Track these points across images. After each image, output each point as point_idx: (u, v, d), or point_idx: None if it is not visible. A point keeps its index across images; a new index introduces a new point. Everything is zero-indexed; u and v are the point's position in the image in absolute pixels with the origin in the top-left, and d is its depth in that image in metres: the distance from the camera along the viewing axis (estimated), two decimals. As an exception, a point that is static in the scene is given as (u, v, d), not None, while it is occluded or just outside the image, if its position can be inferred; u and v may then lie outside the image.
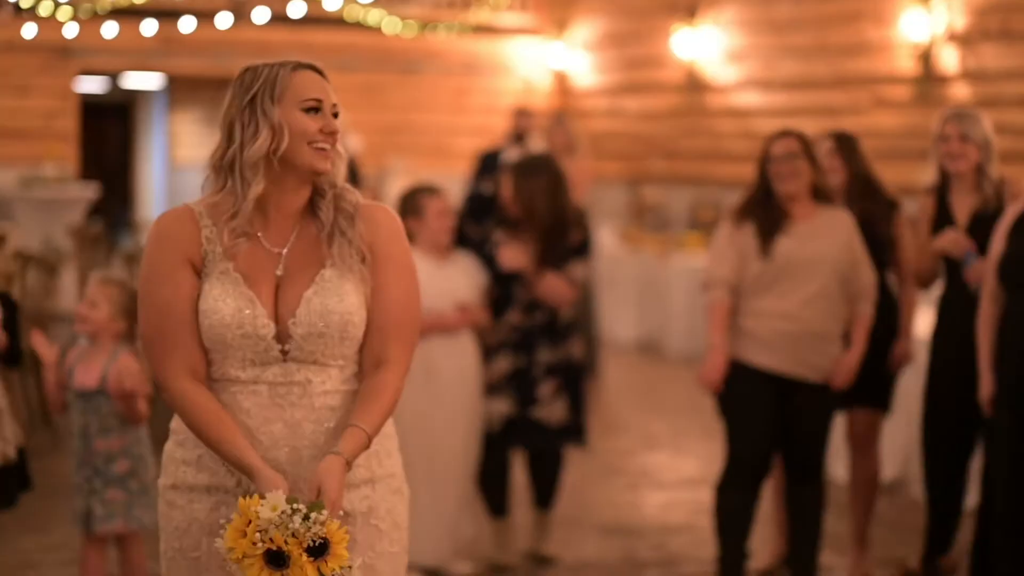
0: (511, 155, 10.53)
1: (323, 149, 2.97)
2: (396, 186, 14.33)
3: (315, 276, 2.93)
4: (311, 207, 3.00)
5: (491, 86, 15.13)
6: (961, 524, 5.65)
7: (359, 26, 14.55)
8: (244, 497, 2.77)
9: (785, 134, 5.39)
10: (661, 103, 13.69)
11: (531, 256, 5.82)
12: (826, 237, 5.31)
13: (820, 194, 5.37)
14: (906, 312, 5.90)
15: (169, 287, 2.91)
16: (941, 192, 5.60)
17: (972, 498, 5.94)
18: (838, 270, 5.30)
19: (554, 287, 5.82)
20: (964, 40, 10.46)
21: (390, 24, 14.50)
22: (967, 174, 5.48)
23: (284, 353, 2.92)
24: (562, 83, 15.16)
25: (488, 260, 5.88)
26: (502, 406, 5.85)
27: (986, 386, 5.06)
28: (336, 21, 14.71)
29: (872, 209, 5.81)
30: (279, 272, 2.94)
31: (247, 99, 2.98)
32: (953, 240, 5.47)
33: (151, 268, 2.95)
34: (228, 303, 2.89)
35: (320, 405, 2.94)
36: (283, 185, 2.97)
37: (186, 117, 18.41)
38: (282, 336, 2.91)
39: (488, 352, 5.87)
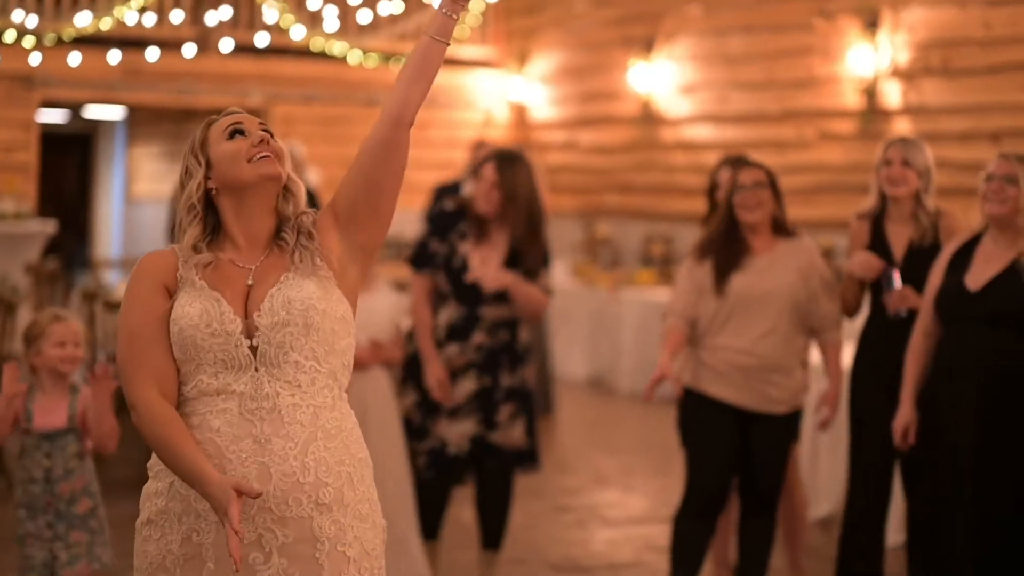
0: (469, 188, 10.75)
1: (264, 157, 3.11)
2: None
3: (279, 279, 3.07)
4: (277, 235, 3.15)
5: (452, 119, 15.30)
6: (883, 560, 5.66)
7: (322, 57, 14.72)
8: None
9: (748, 163, 5.58)
10: (616, 137, 13.91)
11: (500, 261, 5.84)
12: (781, 270, 5.43)
13: (779, 226, 5.52)
14: (827, 353, 5.86)
15: (141, 310, 3.04)
16: (878, 220, 5.59)
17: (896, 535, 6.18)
18: (792, 304, 5.42)
19: (531, 296, 5.87)
20: (907, 76, 10.76)
21: (353, 55, 14.70)
22: (905, 201, 5.47)
23: (253, 350, 3.00)
24: (521, 116, 15.36)
25: (455, 274, 5.90)
26: (468, 427, 5.86)
27: (902, 417, 5.17)
28: (300, 52, 14.89)
29: None
30: (249, 282, 3.07)
31: (191, 143, 3.15)
32: (862, 263, 5.49)
33: (129, 297, 3.08)
34: (195, 306, 3.01)
35: (289, 420, 2.98)
36: (247, 214, 3.12)
37: (145, 150, 18.39)
38: (250, 331, 3.01)
39: (454, 373, 5.87)
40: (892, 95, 10.87)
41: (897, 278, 5.34)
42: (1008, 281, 4.94)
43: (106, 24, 13.72)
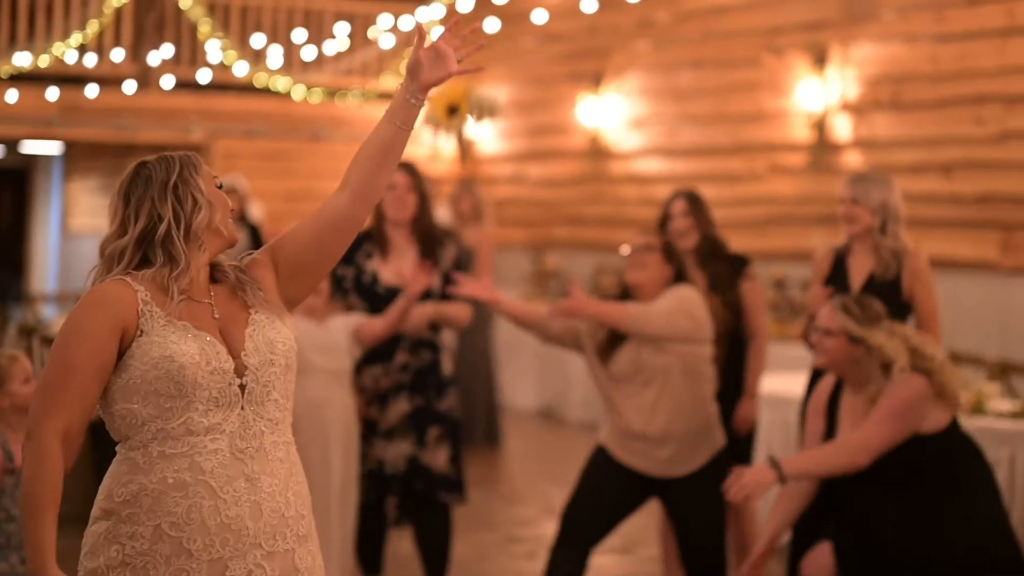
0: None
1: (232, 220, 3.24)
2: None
3: (248, 319, 3.13)
4: (213, 270, 3.22)
5: (398, 154, 15.22)
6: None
7: (266, 92, 14.62)
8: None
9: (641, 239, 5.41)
10: (565, 170, 13.88)
11: (412, 272, 5.85)
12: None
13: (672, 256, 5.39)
14: (751, 371, 5.96)
15: (89, 345, 2.99)
16: (843, 253, 5.63)
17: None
18: (678, 364, 5.29)
19: (456, 310, 5.92)
20: (857, 110, 10.77)
21: (297, 91, 14.60)
22: (862, 237, 5.50)
23: (242, 388, 3.04)
24: (468, 150, 15.30)
25: (368, 292, 5.93)
26: (404, 447, 5.88)
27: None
28: (242, 88, 14.78)
29: (719, 270, 5.91)
30: (216, 316, 3.11)
31: (173, 180, 3.11)
32: (816, 297, 5.47)
33: (77, 326, 3.02)
34: (191, 344, 3.01)
35: (274, 457, 3.06)
36: (206, 258, 3.17)
37: (83, 184, 18.25)
38: (239, 370, 3.06)
39: (382, 397, 5.89)
40: (842, 129, 10.88)
41: None
42: None
43: (44, 62, 13.57)
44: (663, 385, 5.24)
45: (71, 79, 14.15)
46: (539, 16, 12.78)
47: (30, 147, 18.14)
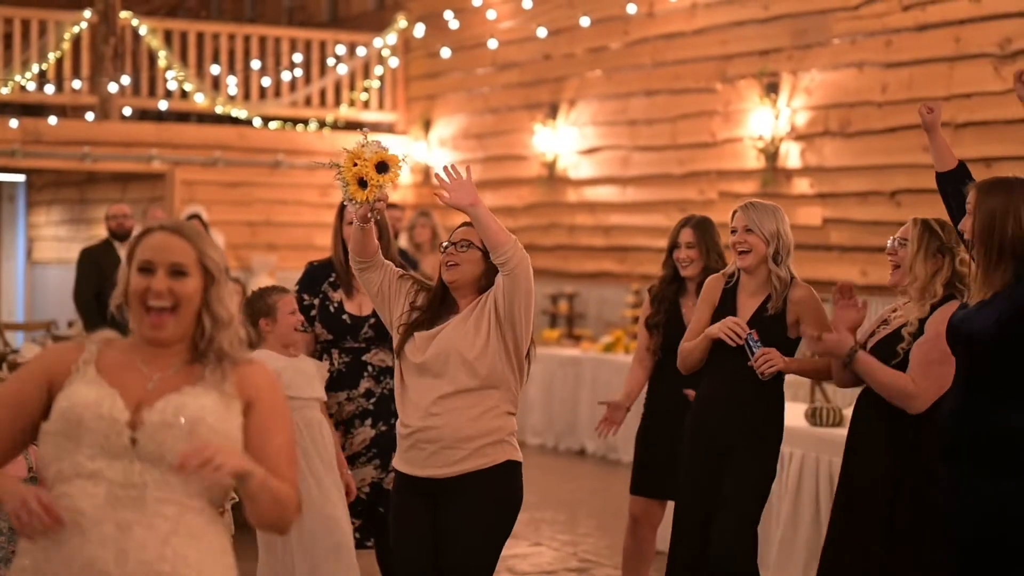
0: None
1: (158, 310, 3.14)
2: (262, 283, 14.43)
3: (179, 388, 3.12)
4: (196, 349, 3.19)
5: (356, 181, 15.31)
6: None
7: (225, 121, 14.70)
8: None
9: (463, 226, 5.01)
10: (520, 198, 14.02)
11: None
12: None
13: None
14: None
15: (15, 387, 3.18)
16: (736, 282, 5.52)
17: None
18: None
19: None
20: (806, 137, 10.96)
21: (256, 120, 14.69)
22: (754, 267, 5.40)
23: (133, 442, 3.04)
24: (426, 178, 15.42)
25: (333, 319, 5.92)
26: (368, 472, 5.91)
27: None
28: (202, 117, 14.87)
29: None
30: (149, 386, 3.12)
31: (130, 249, 3.23)
32: (729, 326, 5.37)
33: (18, 372, 3.24)
34: (91, 391, 3.08)
35: (155, 512, 3.03)
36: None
37: (47, 217, 18.22)
38: (135, 423, 3.06)
39: (347, 423, 5.93)
40: (792, 156, 11.06)
41: (757, 341, 5.31)
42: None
43: (4, 91, 13.61)
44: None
45: (32, 108, 14.21)
46: (493, 43, 12.96)
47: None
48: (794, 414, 7.49)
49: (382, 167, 4.83)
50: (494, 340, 4.70)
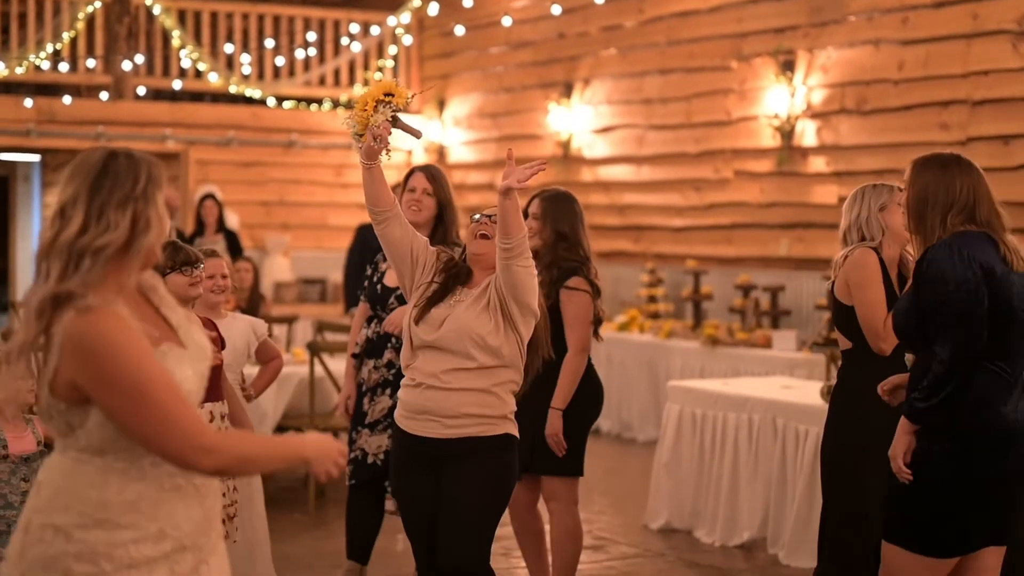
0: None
1: None
2: (276, 263, 14.45)
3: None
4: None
5: (370, 161, 15.30)
6: None
7: (239, 101, 14.69)
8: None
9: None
10: (535, 177, 13.94)
11: None
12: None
13: None
14: (558, 385, 5.79)
15: (156, 367, 2.91)
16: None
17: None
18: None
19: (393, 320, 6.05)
20: (822, 115, 10.91)
21: (271, 98, 14.68)
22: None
23: None
24: (440, 158, 15.40)
25: (374, 291, 6.17)
26: (383, 440, 6.11)
27: None
28: (216, 96, 14.87)
29: (550, 277, 5.77)
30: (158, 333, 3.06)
31: (138, 190, 2.97)
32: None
33: (136, 350, 2.87)
34: (187, 368, 3.04)
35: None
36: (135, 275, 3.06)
37: (62, 194, 18.26)
38: None
39: (372, 390, 6.14)
40: (808, 134, 11.02)
41: None
42: None
43: (19, 70, 13.62)
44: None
45: (46, 88, 14.22)
46: (507, 21, 12.93)
47: (8, 156, 18.13)
48: (810, 392, 7.49)
49: (384, 98, 4.82)
50: (503, 320, 4.72)
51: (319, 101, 15.14)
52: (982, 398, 4.28)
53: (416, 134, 4.96)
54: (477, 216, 4.92)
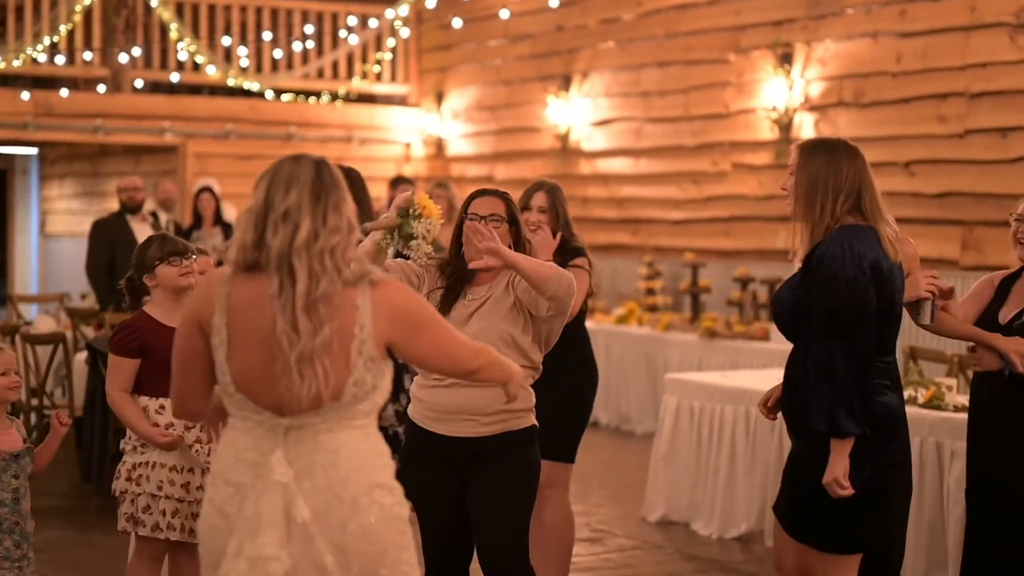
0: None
1: None
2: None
3: None
4: None
5: (369, 154, 15.31)
6: None
7: (237, 94, 14.68)
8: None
9: (486, 192, 4.98)
10: (533, 170, 13.98)
11: None
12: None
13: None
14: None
15: (182, 344, 3.48)
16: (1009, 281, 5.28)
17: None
18: None
19: None
20: (820, 108, 10.91)
21: (269, 91, 14.67)
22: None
23: None
24: (439, 150, 15.39)
25: None
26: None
27: None
28: (214, 89, 14.85)
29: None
30: None
31: (345, 192, 3.47)
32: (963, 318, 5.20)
33: (179, 327, 3.49)
34: None
35: None
36: None
37: (59, 190, 18.24)
38: None
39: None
40: (806, 127, 11.02)
41: None
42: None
43: (16, 63, 13.61)
44: None
45: (43, 81, 14.20)
46: (505, 13, 12.93)
47: (6, 150, 18.12)
48: (807, 385, 7.49)
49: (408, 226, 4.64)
50: (528, 318, 4.71)
51: (317, 94, 15.13)
52: (871, 394, 4.30)
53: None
54: (471, 218, 4.73)
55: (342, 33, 15.12)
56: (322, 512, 3.24)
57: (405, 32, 15.33)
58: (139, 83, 14.44)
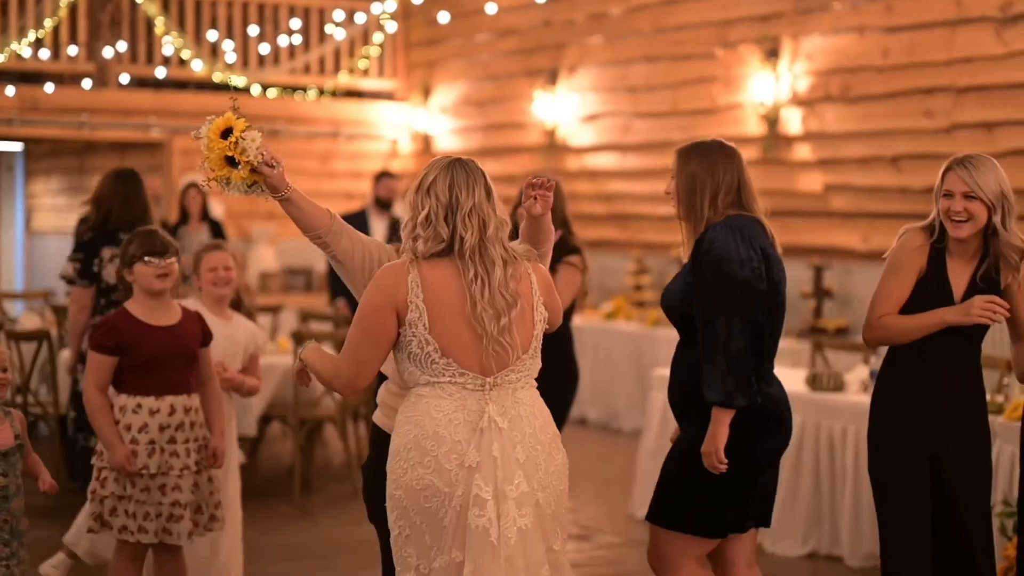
0: (377, 221, 10.73)
1: None
2: (261, 252, 14.42)
3: None
4: None
5: (356, 150, 15.30)
6: None
7: (223, 89, 14.63)
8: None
9: None
10: (521, 166, 13.98)
11: None
12: None
13: None
14: None
15: (374, 321, 3.98)
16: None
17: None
18: None
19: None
20: (807, 103, 10.90)
21: (255, 87, 14.63)
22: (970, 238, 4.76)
23: None
24: (426, 146, 15.37)
25: None
26: None
27: None
28: (200, 85, 14.80)
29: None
30: None
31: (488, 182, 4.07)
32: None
33: (368, 306, 3.99)
34: None
35: None
36: None
37: (45, 186, 18.19)
38: None
39: None
40: (793, 122, 11.01)
41: None
42: None
43: (0, 58, 13.55)
44: None
45: (28, 76, 14.14)
46: (492, 8, 12.91)
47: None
48: (794, 379, 7.49)
49: (225, 135, 4.31)
50: None
51: (304, 89, 15.09)
52: (759, 377, 4.43)
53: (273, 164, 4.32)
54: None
55: (329, 28, 15.08)
56: (531, 456, 3.88)
57: (392, 27, 15.30)
58: (125, 78, 14.38)
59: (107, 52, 13.96)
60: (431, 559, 3.82)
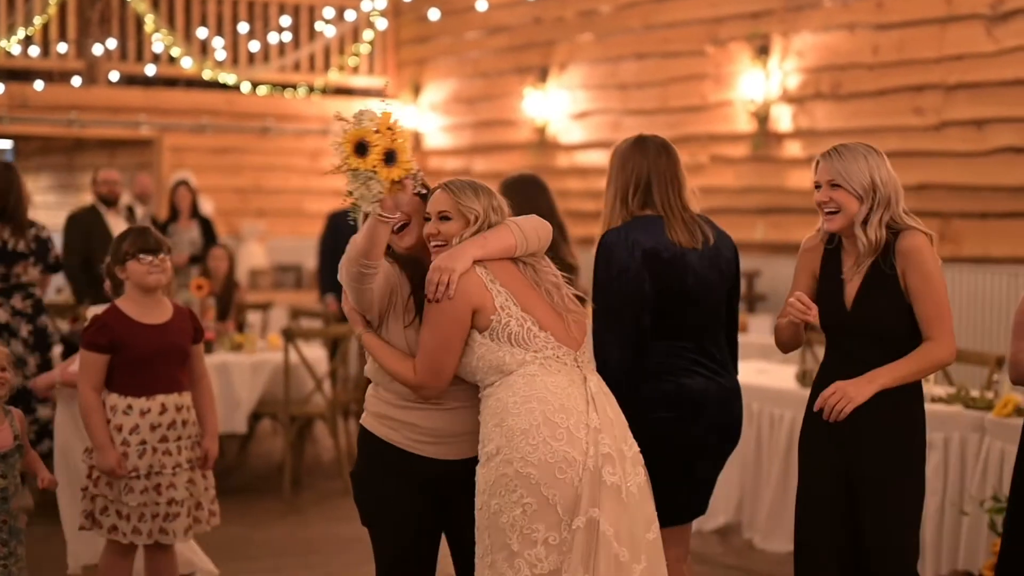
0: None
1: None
2: (251, 249, 14.40)
3: None
4: None
5: (346, 147, 15.26)
6: None
7: (213, 87, 14.62)
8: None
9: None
10: (511, 163, 13.97)
11: None
12: None
13: None
14: None
15: (456, 317, 4.10)
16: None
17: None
18: None
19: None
20: (797, 100, 10.91)
21: (245, 84, 14.61)
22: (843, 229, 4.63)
23: None
24: (416, 143, 15.36)
25: None
26: None
27: None
28: (190, 82, 14.78)
29: None
30: None
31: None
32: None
33: (445, 310, 4.09)
34: None
35: None
36: None
37: (35, 184, 18.15)
38: None
39: None
40: (783, 119, 11.02)
41: None
42: None
43: (-10, 55, 13.53)
44: None
45: (18, 74, 14.11)
46: (482, 5, 12.90)
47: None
48: (785, 377, 7.50)
49: (389, 157, 4.21)
50: None
51: (294, 86, 15.07)
52: (660, 373, 4.45)
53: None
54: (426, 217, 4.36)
55: (319, 25, 15.07)
56: (621, 424, 4.11)
57: (382, 24, 15.29)
58: (114, 76, 14.35)
59: (97, 49, 13.94)
60: (564, 528, 3.91)
